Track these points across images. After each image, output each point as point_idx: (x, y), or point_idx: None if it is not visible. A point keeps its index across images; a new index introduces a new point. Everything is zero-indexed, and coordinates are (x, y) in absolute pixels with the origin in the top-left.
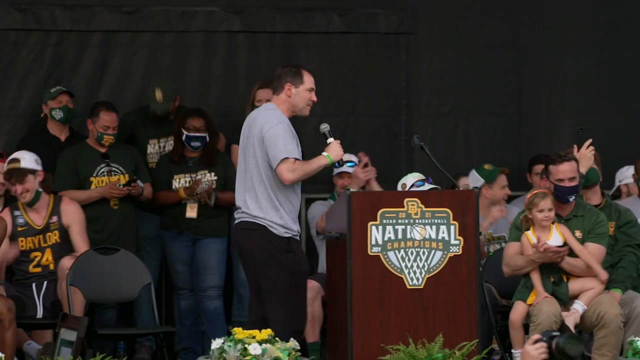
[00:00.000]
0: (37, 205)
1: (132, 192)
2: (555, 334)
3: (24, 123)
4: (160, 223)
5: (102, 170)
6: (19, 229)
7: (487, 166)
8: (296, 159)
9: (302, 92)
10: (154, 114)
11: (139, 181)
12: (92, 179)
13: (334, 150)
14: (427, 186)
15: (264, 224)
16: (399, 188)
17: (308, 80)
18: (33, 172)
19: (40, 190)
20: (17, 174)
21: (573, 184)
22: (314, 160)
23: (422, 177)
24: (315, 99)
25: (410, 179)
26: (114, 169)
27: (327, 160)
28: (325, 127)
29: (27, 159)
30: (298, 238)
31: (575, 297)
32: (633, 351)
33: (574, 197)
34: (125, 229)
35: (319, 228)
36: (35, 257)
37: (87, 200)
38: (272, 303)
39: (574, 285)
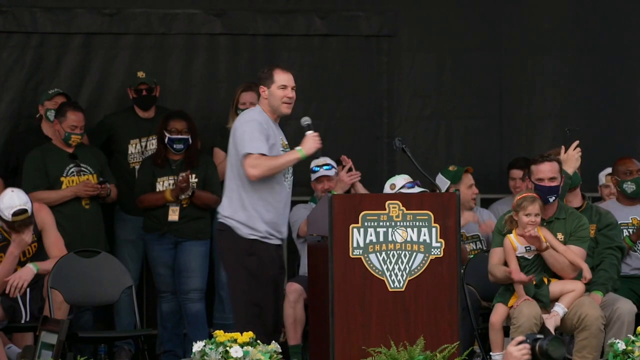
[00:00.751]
0: None
1: (101, 193)
2: (538, 336)
3: (5, 125)
4: (142, 226)
5: (72, 170)
6: None
7: (451, 167)
8: (262, 155)
9: (275, 91)
10: (138, 94)
11: (107, 183)
12: (62, 178)
13: (307, 143)
14: (417, 189)
15: (230, 224)
16: (387, 189)
17: (279, 78)
18: (31, 215)
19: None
20: (27, 224)
21: (553, 184)
22: (285, 154)
23: (410, 179)
24: (290, 95)
25: (400, 180)
26: (82, 168)
27: (298, 154)
28: (305, 120)
29: (29, 206)
30: (271, 241)
31: (556, 299)
32: (614, 353)
33: (554, 198)
34: (96, 229)
35: (301, 232)
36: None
37: (60, 200)
38: (232, 306)
39: (554, 287)
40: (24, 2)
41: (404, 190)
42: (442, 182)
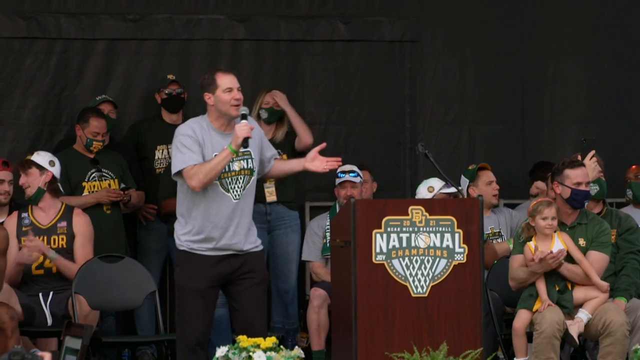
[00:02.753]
0: (45, 205)
1: (123, 199)
2: None
3: (29, 131)
4: (167, 231)
5: (93, 175)
6: (24, 229)
7: (470, 167)
8: (195, 165)
9: (220, 96)
10: (168, 95)
11: (128, 188)
12: (84, 184)
13: (236, 133)
14: (452, 188)
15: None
16: (424, 192)
17: (222, 81)
18: (40, 168)
19: (45, 189)
20: (23, 164)
21: (588, 189)
22: (217, 155)
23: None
24: (238, 96)
25: (436, 183)
26: (104, 174)
27: (227, 149)
28: (241, 110)
29: (41, 156)
30: (204, 252)
31: (580, 305)
32: (637, 359)
33: (586, 203)
34: (117, 234)
35: (314, 277)
36: (37, 257)
37: (83, 205)
38: None
39: (578, 293)
40: (48, 8)
41: (444, 191)
42: (463, 183)
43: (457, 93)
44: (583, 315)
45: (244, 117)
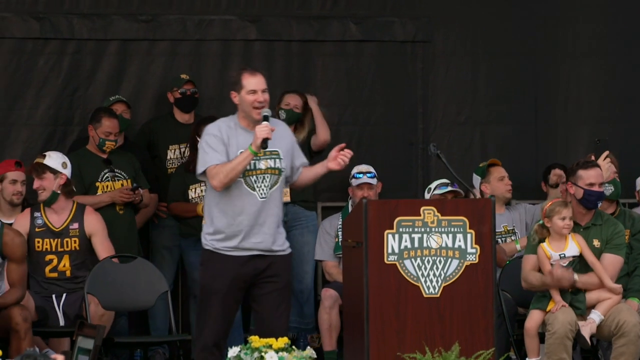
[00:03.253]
0: (57, 207)
1: (135, 199)
2: None
3: (41, 132)
4: (179, 231)
5: (107, 175)
6: (37, 229)
7: (481, 164)
8: (217, 165)
9: (245, 97)
10: (183, 95)
11: (140, 188)
12: (97, 184)
13: (255, 134)
14: (448, 187)
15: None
16: (427, 195)
17: (248, 82)
18: (54, 172)
19: (59, 192)
20: (37, 169)
21: (602, 189)
22: (237, 156)
23: (445, 181)
24: (260, 99)
25: (434, 184)
26: (117, 174)
27: (248, 150)
28: (264, 111)
29: (54, 159)
30: (228, 252)
31: (593, 306)
32: None
33: (599, 204)
34: (129, 234)
35: (328, 277)
36: (51, 260)
37: (97, 205)
38: None
39: (591, 295)
40: (61, 9)
41: (437, 192)
42: (475, 181)
43: (469, 93)
44: (596, 316)
45: (265, 118)
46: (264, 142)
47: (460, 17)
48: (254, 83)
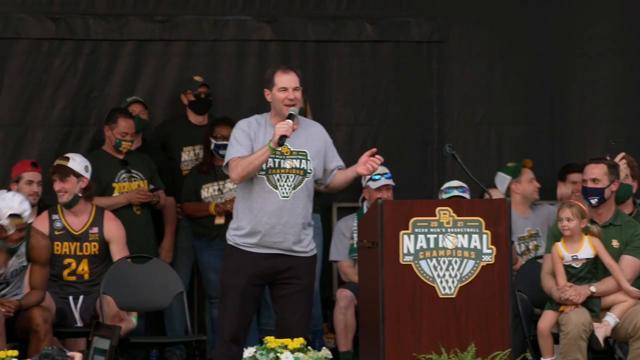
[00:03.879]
0: (77, 210)
1: (152, 200)
2: None
3: (57, 132)
4: (192, 232)
5: (123, 176)
6: (56, 233)
7: (510, 164)
8: (237, 157)
9: (276, 94)
10: (197, 97)
11: (157, 189)
12: (114, 184)
13: (275, 130)
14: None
15: None
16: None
17: (279, 80)
18: (77, 175)
19: (80, 195)
20: (61, 172)
21: (595, 186)
22: (256, 151)
23: (454, 185)
24: (291, 96)
25: (444, 185)
26: (133, 174)
27: (266, 146)
28: (291, 109)
29: (77, 162)
30: (248, 248)
31: (607, 309)
32: None
33: (596, 200)
34: (147, 235)
35: (343, 277)
36: (69, 263)
37: (114, 206)
38: None
39: (606, 297)
40: (77, 10)
41: (443, 195)
42: (502, 180)
43: (484, 94)
44: (611, 319)
45: (290, 116)
46: (281, 139)
47: (476, 18)
48: (285, 80)
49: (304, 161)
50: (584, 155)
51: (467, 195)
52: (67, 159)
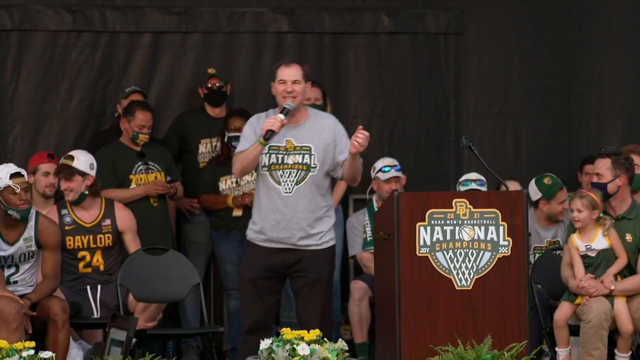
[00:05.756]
0: (86, 204)
1: (169, 192)
2: None
3: (75, 124)
4: (209, 224)
5: (140, 168)
6: (67, 227)
7: (546, 180)
8: (239, 152)
9: (277, 87)
10: (209, 90)
11: (174, 181)
12: (131, 176)
13: (262, 126)
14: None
15: None
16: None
17: (280, 73)
18: (82, 174)
19: (87, 193)
20: (66, 171)
21: (599, 180)
22: (250, 146)
23: (471, 177)
24: (289, 89)
25: (462, 178)
26: (150, 166)
27: (257, 142)
28: (286, 104)
29: (82, 161)
30: (261, 243)
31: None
32: None
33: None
34: (164, 227)
35: (365, 269)
36: (84, 256)
37: (131, 198)
38: None
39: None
40: (94, 2)
41: (461, 188)
42: (534, 192)
43: (501, 86)
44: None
45: (283, 110)
46: (267, 133)
47: (492, 9)
48: (284, 73)
49: (307, 156)
50: (600, 147)
51: (484, 189)
52: (72, 158)
